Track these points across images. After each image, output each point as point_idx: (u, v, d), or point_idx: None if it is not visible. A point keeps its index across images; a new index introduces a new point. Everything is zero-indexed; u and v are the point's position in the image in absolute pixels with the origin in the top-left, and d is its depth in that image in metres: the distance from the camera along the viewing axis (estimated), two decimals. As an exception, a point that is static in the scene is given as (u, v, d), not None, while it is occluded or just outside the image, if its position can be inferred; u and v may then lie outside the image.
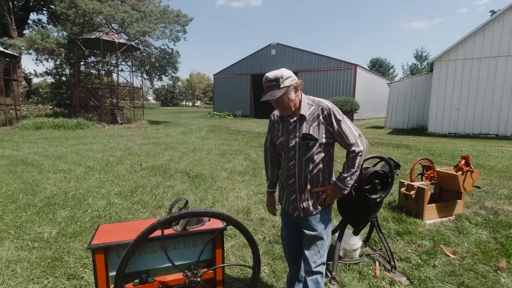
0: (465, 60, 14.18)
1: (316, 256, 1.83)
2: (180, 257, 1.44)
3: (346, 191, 1.80)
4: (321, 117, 1.75)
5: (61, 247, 3.00)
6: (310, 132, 1.74)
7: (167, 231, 1.39)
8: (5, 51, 16.33)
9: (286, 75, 1.67)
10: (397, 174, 2.70)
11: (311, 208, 1.84)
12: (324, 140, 1.76)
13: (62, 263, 2.71)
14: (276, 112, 1.94)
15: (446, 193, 4.22)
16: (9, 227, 3.43)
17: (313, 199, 1.84)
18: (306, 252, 1.85)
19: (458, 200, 4.02)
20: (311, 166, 1.79)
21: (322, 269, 1.86)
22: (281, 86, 1.65)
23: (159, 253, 1.39)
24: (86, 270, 2.62)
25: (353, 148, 1.76)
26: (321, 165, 1.80)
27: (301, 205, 1.84)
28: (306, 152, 1.77)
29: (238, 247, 3.09)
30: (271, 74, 1.68)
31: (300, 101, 1.80)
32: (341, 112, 1.80)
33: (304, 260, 1.87)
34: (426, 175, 4.39)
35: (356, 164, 1.78)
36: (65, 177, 5.72)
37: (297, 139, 1.77)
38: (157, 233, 1.27)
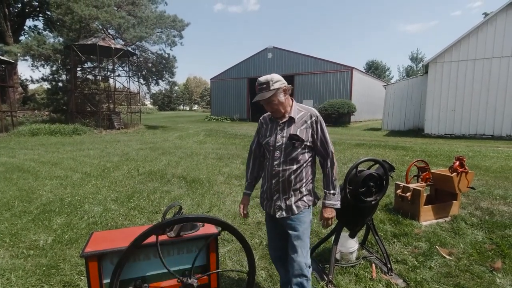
0: (459, 61, 14.33)
1: (300, 258, 1.87)
2: (174, 263, 1.44)
3: (338, 205, 1.95)
4: (308, 122, 1.90)
5: (57, 254, 2.98)
6: (298, 134, 1.87)
7: (161, 237, 1.39)
8: (1, 57, 16.29)
9: (276, 78, 1.83)
10: (391, 177, 2.72)
11: (293, 207, 1.91)
12: (308, 143, 1.90)
13: (57, 271, 2.69)
14: (266, 115, 2.07)
15: (441, 195, 4.25)
16: (4, 235, 3.40)
17: (295, 198, 1.92)
18: (291, 254, 1.90)
19: (453, 201, 4.04)
20: (295, 166, 1.89)
21: (308, 272, 1.89)
22: (271, 88, 1.80)
23: (153, 259, 1.39)
24: (82, 277, 2.61)
25: (333, 158, 1.93)
26: (304, 166, 1.91)
27: (284, 205, 1.92)
28: (291, 152, 1.89)
29: (235, 252, 3.08)
30: (262, 78, 1.85)
31: (291, 106, 1.94)
32: (323, 121, 1.97)
33: (289, 263, 1.91)
34: (421, 176, 4.42)
35: (336, 172, 1.95)
36: (61, 184, 5.69)
37: (284, 139, 1.89)
38: (151, 239, 1.27)
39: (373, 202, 2.52)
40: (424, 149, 10.28)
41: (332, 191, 1.93)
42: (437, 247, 3.15)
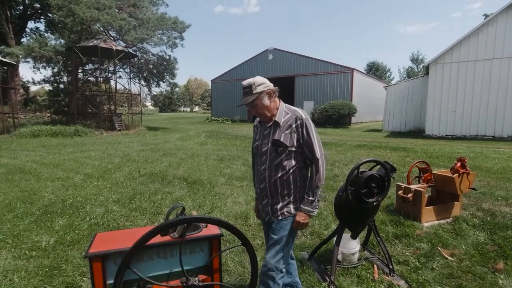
0: (460, 62, 14.34)
1: (271, 260, 1.82)
2: (177, 263, 1.44)
3: (314, 214, 1.83)
4: (293, 126, 1.81)
5: (59, 255, 2.99)
6: (281, 139, 1.80)
7: (164, 238, 1.40)
8: (3, 59, 16.36)
9: (258, 82, 1.78)
10: (393, 178, 2.72)
11: (278, 213, 1.88)
12: (294, 148, 1.82)
13: (60, 272, 2.70)
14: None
15: (443, 196, 4.25)
16: (7, 236, 3.41)
17: (282, 204, 1.88)
18: (265, 255, 1.88)
19: (455, 202, 4.04)
20: (280, 172, 1.84)
21: (276, 275, 1.84)
22: (254, 92, 1.76)
23: (157, 260, 1.40)
24: (84, 278, 2.61)
25: (318, 165, 1.80)
26: (291, 172, 1.85)
27: (270, 210, 1.90)
28: (275, 158, 1.83)
29: (237, 253, 3.08)
30: (245, 82, 1.80)
31: (278, 108, 1.87)
32: (313, 127, 1.86)
33: (263, 263, 1.89)
34: (423, 177, 4.42)
35: (320, 184, 1.82)
36: (63, 185, 5.71)
37: (269, 144, 1.85)
38: (155, 240, 1.28)
39: (374, 203, 2.52)
40: (425, 150, 10.28)
41: (310, 198, 1.83)
42: (438, 248, 3.15)
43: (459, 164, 3.87)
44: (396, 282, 2.58)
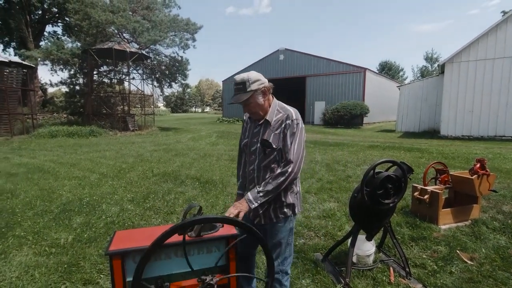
0: (477, 61, 13.92)
1: (275, 262, 1.82)
2: (194, 263, 1.46)
3: (253, 206, 1.64)
4: (283, 125, 1.69)
5: (77, 252, 3.07)
6: (270, 139, 1.69)
7: (181, 237, 1.41)
8: (23, 62, 16.93)
9: (253, 78, 1.64)
10: (410, 179, 2.66)
11: (272, 215, 1.81)
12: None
13: (78, 269, 2.77)
14: (248, 114, 1.91)
15: (461, 198, 4.13)
16: (28, 233, 3.53)
17: (276, 206, 1.79)
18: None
19: (474, 205, 3.92)
20: (268, 174, 1.73)
21: (281, 277, 1.86)
22: (248, 89, 1.63)
23: (174, 258, 1.41)
24: (101, 275, 2.67)
25: (287, 167, 1.65)
26: None
27: (264, 213, 1.82)
28: (263, 159, 1.73)
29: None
30: (238, 77, 1.66)
31: (270, 106, 1.76)
32: (302, 130, 1.72)
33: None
34: (440, 179, 4.31)
35: (278, 184, 1.65)
36: (80, 184, 5.85)
37: (258, 144, 1.74)
38: (172, 239, 1.29)
39: (391, 205, 2.48)
40: (441, 151, 10.03)
41: (260, 189, 1.65)
42: (457, 251, 3.06)
43: (478, 165, 3.76)
44: (413, 285, 2.53)
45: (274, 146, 1.69)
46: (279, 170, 1.67)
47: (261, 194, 1.65)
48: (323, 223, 3.91)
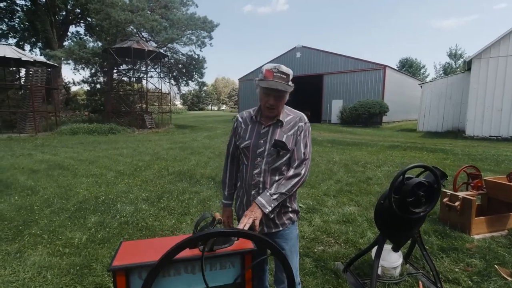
0: (507, 57, 13.08)
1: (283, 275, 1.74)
2: (207, 279, 1.31)
3: (267, 211, 1.53)
4: (296, 127, 1.67)
5: (90, 253, 3.02)
6: (284, 140, 1.63)
7: (193, 252, 1.27)
8: (47, 62, 17.53)
9: (291, 77, 1.63)
10: (443, 185, 2.42)
11: (277, 222, 1.71)
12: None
13: (90, 271, 2.71)
14: (244, 114, 1.79)
15: (496, 205, 3.79)
16: (44, 232, 3.53)
17: (282, 212, 1.71)
18: (277, 271, 1.82)
19: (511, 213, 3.58)
20: (277, 177, 1.65)
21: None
22: (290, 84, 1.60)
23: (184, 275, 1.28)
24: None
25: (300, 169, 1.62)
26: None
27: (268, 220, 1.68)
28: (275, 161, 1.64)
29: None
30: (285, 68, 1.59)
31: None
32: (310, 131, 1.75)
33: (276, 280, 1.84)
34: (472, 184, 3.98)
35: (292, 185, 1.59)
36: (97, 182, 5.90)
37: (267, 145, 1.64)
38: (183, 254, 1.15)
39: (421, 214, 2.25)
40: (467, 152, 9.46)
41: (272, 191, 1.56)
42: (495, 266, 2.77)
43: (517, 170, 3.42)
44: (447, 304, 2.29)
45: (289, 147, 1.63)
46: (291, 172, 1.62)
47: (274, 196, 1.56)
48: (343, 228, 3.69)
